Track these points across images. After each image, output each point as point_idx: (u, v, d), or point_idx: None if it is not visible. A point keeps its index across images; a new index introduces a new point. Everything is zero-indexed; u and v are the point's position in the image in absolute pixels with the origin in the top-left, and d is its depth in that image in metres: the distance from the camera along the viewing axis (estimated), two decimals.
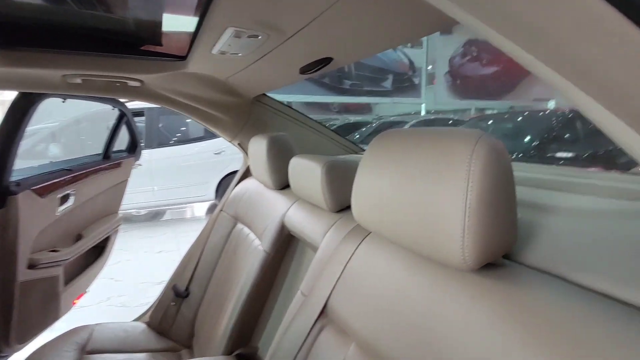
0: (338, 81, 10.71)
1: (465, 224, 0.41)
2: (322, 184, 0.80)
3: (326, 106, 11.82)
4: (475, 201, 0.40)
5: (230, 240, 1.32)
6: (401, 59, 11.67)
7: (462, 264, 0.42)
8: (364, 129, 7.72)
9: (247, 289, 1.02)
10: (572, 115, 4.79)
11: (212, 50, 0.84)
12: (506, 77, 14.29)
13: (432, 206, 0.45)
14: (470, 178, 0.41)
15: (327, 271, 0.69)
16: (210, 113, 1.34)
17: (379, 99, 11.76)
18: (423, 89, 12.26)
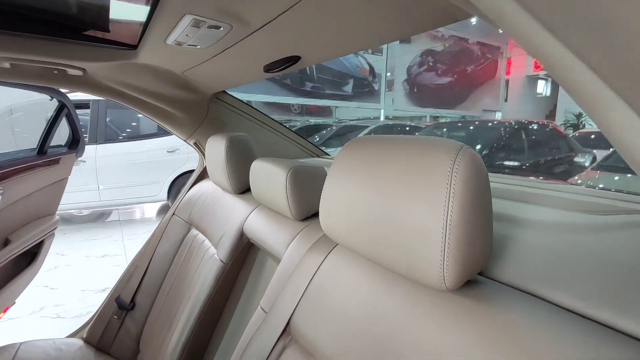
0: (300, 83, 10.68)
1: (445, 242, 0.38)
2: (286, 190, 0.75)
3: (287, 107, 11.74)
4: (457, 217, 0.38)
5: (183, 247, 1.23)
6: (362, 65, 11.90)
7: (440, 284, 0.39)
8: (324, 131, 7.73)
9: (201, 301, 0.94)
10: (518, 127, 5.14)
11: (166, 40, 0.76)
12: (459, 88, 15.16)
13: (407, 221, 0.42)
14: (452, 192, 0.38)
15: (290, 285, 0.64)
16: (163, 109, 1.24)
17: (340, 103, 11.88)
18: (382, 95, 12.58)
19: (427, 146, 0.42)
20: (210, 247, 1.06)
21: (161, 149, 4.40)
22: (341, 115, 12.87)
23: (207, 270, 0.98)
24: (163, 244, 1.30)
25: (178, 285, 1.14)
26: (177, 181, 4.48)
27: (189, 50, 0.82)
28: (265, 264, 0.91)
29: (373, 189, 0.46)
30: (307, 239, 0.71)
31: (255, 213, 0.94)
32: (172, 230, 1.31)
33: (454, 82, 14.96)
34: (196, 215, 1.23)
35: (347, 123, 8.10)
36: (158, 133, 4.40)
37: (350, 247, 0.53)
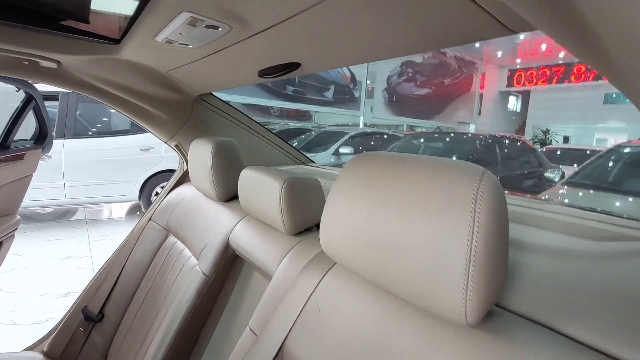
0: (281, 86, 10.61)
1: (469, 273, 0.35)
2: (280, 203, 0.71)
3: (266, 109, 11.63)
4: (481, 247, 0.35)
5: (160, 255, 1.16)
6: (343, 72, 11.99)
7: (461, 318, 0.37)
8: (303, 136, 7.69)
9: (180, 316, 0.88)
10: (492, 141, 5.32)
11: (155, 37, 0.70)
12: (436, 100, 15.59)
13: (424, 247, 0.39)
14: (476, 219, 0.35)
15: (283, 306, 0.60)
16: (143, 108, 1.17)
17: (320, 108, 11.91)
18: (362, 103, 12.72)
19: (447, 169, 0.40)
20: (191, 257, 1.00)
21: (134, 147, 4.22)
22: (320, 121, 12.89)
23: (188, 283, 0.92)
24: (137, 251, 1.22)
25: (153, 297, 1.07)
26: (150, 181, 4.31)
27: (178, 49, 0.76)
28: (251, 278, 0.86)
29: (384, 209, 0.43)
30: (301, 256, 0.67)
31: (243, 224, 0.89)
32: (148, 237, 1.23)
33: (432, 94, 15.37)
34: (175, 221, 1.16)
35: (326, 128, 8.10)
36: (131, 130, 4.23)
37: (353, 269, 0.50)
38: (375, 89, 13.61)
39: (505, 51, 15.29)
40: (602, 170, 3.65)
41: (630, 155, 3.67)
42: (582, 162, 6.61)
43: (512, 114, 19.20)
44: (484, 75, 17.57)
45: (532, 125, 16.39)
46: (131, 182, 4.23)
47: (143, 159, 4.25)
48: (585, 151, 7.70)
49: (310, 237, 0.74)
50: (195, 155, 1.08)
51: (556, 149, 8.36)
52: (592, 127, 15.08)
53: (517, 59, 15.88)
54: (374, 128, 10.18)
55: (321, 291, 0.57)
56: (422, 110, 15.16)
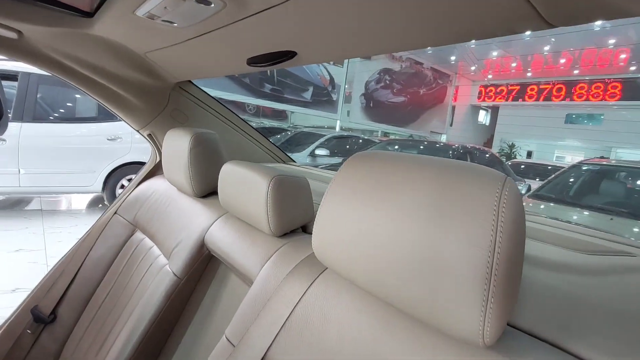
0: (259, 83, 10.44)
1: (490, 290, 0.32)
2: (267, 202, 0.66)
3: (242, 106, 11.41)
4: (503, 261, 0.32)
5: (124, 252, 1.06)
6: (323, 74, 11.99)
7: (477, 338, 0.33)
8: (279, 135, 7.59)
9: (146, 320, 0.80)
10: (463, 151, 5.48)
11: (136, 10, 0.63)
12: (411, 108, 15.97)
13: (436, 259, 0.35)
14: (499, 232, 0.32)
15: (266, 314, 0.55)
16: (115, 92, 1.07)
17: (298, 109, 11.84)
18: (340, 106, 12.77)
19: (463, 172, 0.37)
20: (160, 255, 0.92)
21: (100, 136, 3.99)
22: (296, 121, 12.82)
23: (156, 284, 0.84)
24: (99, 247, 1.12)
25: (115, 298, 0.98)
26: (115, 172, 4.08)
27: (161, 27, 0.69)
28: (228, 281, 0.80)
29: (389, 213, 0.39)
30: (287, 259, 0.62)
31: (221, 222, 0.83)
32: (112, 232, 1.14)
33: (407, 102, 15.70)
34: (144, 216, 1.07)
35: (303, 129, 8.05)
36: (98, 118, 3.99)
37: (348, 276, 0.46)
38: (353, 94, 13.72)
39: (478, 66, 15.89)
40: (564, 185, 3.84)
41: (589, 173, 3.89)
42: (543, 176, 6.94)
43: (482, 127, 19.99)
44: (457, 88, 18.17)
45: (499, 139, 17.12)
46: (95, 173, 3.99)
47: (109, 149, 4.02)
48: (547, 166, 8.13)
49: (297, 239, 0.69)
50: (170, 146, 1.00)
51: (520, 163, 8.77)
52: (553, 144, 15.96)
53: (488, 75, 16.54)
54: (349, 132, 10.23)
55: (309, 299, 0.52)
56: (398, 117, 15.45)
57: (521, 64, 14.89)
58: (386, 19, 0.47)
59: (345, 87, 13.04)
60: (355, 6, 0.46)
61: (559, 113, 15.37)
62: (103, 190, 4.05)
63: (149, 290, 0.85)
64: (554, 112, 15.46)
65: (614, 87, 13.38)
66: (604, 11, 0.31)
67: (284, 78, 10.94)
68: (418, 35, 0.49)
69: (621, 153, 13.94)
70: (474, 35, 0.44)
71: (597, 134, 14.44)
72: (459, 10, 0.39)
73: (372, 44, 0.56)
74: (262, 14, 0.54)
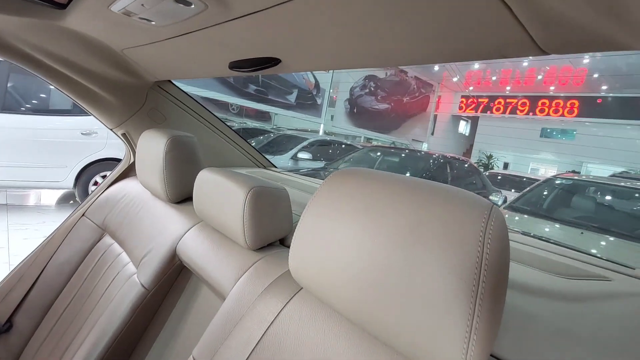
0: (243, 84, 10.34)
1: (473, 322, 0.30)
2: (244, 214, 0.63)
3: (225, 106, 11.26)
4: (488, 293, 0.31)
5: (91, 258, 1.01)
6: (308, 77, 12.00)
7: None
8: (261, 137, 7.52)
9: (109, 333, 0.75)
10: (444, 160, 5.57)
11: (111, 6, 0.59)
12: (394, 115, 16.20)
13: (418, 286, 0.34)
14: (484, 262, 0.31)
15: (238, 333, 0.52)
16: (89, 88, 1.02)
17: (282, 111, 11.79)
18: (324, 110, 12.80)
19: (450, 197, 0.35)
20: (129, 263, 0.87)
21: (74, 130, 3.83)
22: (279, 123, 12.75)
23: (122, 294, 0.79)
24: (63, 251, 1.06)
25: (77, 307, 0.92)
26: (88, 168, 3.93)
27: (138, 24, 0.66)
28: (199, 294, 0.76)
29: (371, 238, 0.37)
30: (262, 275, 0.59)
31: (195, 231, 0.79)
32: (78, 235, 1.07)
33: (390, 110, 15.91)
34: (113, 220, 1.02)
35: (285, 132, 8.01)
36: (73, 111, 3.84)
37: (325, 299, 0.44)
38: (338, 99, 13.79)
39: (460, 78, 16.28)
40: (538, 198, 3.96)
41: (561, 187, 4.03)
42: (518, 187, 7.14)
43: (462, 137, 20.46)
44: (440, 98, 18.55)
45: (478, 150, 17.56)
46: (66, 168, 3.83)
47: (83, 143, 3.87)
48: (522, 178, 8.39)
49: (274, 254, 0.67)
50: (145, 148, 0.95)
51: (498, 174, 9.02)
52: (529, 157, 16.50)
53: (470, 87, 16.97)
54: (332, 136, 10.26)
55: (284, 319, 0.50)
56: (381, 124, 15.63)
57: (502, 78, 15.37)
58: (377, 34, 0.45)
59: (330, 92, 13.09)
60: (345, 18, 0.44)
61: (535, 126, 15.91)
62: (75, 186, 3.89)
63: (114, 301, 0.81)
64: (530, 125, 15.99)
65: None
66: (597, 43, 0.30)
67: (269, 79, 10.88)
68: (408, 53, 0.48)
69: (591, 167, 14.58)
70: (466, 57, 0.43)
71: (569, 149, 15.03)
72: (453, 30, 0.38)
73: (361, 57, 0.54)
74: (246, 18, 0.52)
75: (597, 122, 13.76)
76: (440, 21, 0.37)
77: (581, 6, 0.26)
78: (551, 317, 0.47)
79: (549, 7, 0.28)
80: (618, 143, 13.52)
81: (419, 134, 18.04)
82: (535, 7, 0.29)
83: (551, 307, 0.49)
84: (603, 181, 3.92)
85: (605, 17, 0.26)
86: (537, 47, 0.35)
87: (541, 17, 0.30)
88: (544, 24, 0.31)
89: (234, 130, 1.40)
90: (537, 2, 0.28)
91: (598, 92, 13.68)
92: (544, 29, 0.32)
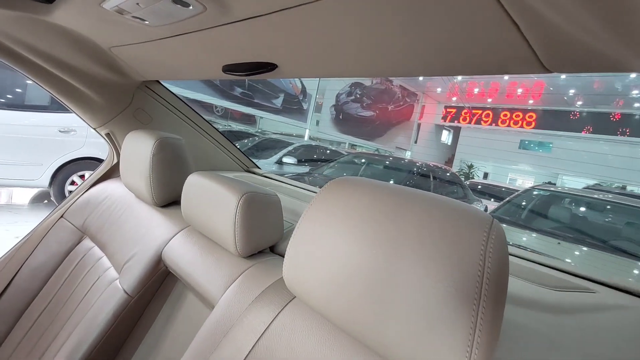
0: (229, 86, 10.26)
1: (474, 340, 0.30)
2: (235, 220, 0.61)
3: (210, 108, 11.14)
4: (489, 309, 0.31)
5: (69, 262, 0.96)
6: (295, 82, 12.02)
7: None
8: (246, 140, 7.46)
9: (89, 341, 0.72)
10: (427, 169, 5.66)
11: (102, 3, 0.58)
12: (379, 123, 16.41)
13: (419, 305, 0.33)
14: (485, 278, 0.31)
15: (227, 344, 0.51)
16: (73, 86, 0.98)
17: (267, 114, 11.75)
18: (310, 115, 12.83)
19: (450, 210, 0.35)
20: (110, 268, 0.84)
21: (52, 127, 3.70)
22: (265, 127, 12.70)
23: (103, 300, 0.76)
24: (39, 253, 1.01)
25: (53, 313, 0.88)
26: (66, 167, 3.80)
27: (130, 23, 0.64)
28: (185, 302, 0.74)
29: (369, 250, 0.37)
30: (253, 284, 0.58)
31: (182, 236, 0.77)
32: (56, 237, 1.03)
33: (375, 117, 16.10)
34: (94, 222, 0.98)
35: (271, 136, 7.97)
36: (50, 107, 3.71)
37: (321, 312, 0.43)
38: (324, 104, 13.85)
39: (443, 88, 16.65)
40: (518, 208, 4.07)
41: (539, 198, 4.15)
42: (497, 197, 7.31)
43: (444, 147, 20.87)
44: (424, 107, 18.89)
45: (459, 159, 17.94)
46: (42, 166, 3.69)
47: (61, 141, 3.74)
48: (501, 188, 8.62)
49: (265, 261, 0.65)
50: (130, 149, 0.93)
51: (478, 183, 9.25)
52: (507, 168, 16.97)
53: (453, 97, 17.37)
54: (317, 142, 10.29)
55: (276, 330, 0.49)
56: (365, 131, 15.78)
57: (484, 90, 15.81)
58: (379, 44, 0.45)
59: (317, 97, 13.15)
60: (346, 27, 0.44)
61: (514, 138, 16.40)
62: (50, 185, 3.75)
63: (94, 307, 0.77)
64: (510, 137, 16.47)
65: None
66: (601, 64, 0.31)
67: (255, 83, 10.83)
68: (409, 64, 0.48)
69: (566, 179, 15.11)
70: (468, 71, 0.44)
71: (546, 161, 15.54)
72: (456, 43, 0.38)
73: (361, 66, 0.54)
74: (245, 22, 0.51)
75: (554, 134, 14.45)
76: (444, 34, 0.37)
77: (589, 27, 0.27)
78: (539, 329, 0.47)
79: (557, 27, 0.29)
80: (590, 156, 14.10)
81: (403, 142, 18.30)
82: (543, 25, 0.30)
83: (539, 319, 0.50)
84: (578, 193, 4.07)
85: (612, 40, 0.27)
86: (540, 64, 0.36)
87: (548, 36, 0.31)
88: (550, 42, 0.31)
89: (221, 132, 1.38)
90: (546, 21, 0.29)
91: (567, 107, 14.28)
92: (549, 47, 0.33)
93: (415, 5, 0.34)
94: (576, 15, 0.26)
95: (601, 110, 13.60)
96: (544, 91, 14.12)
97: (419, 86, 17.45)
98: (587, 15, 0.26)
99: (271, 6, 0.45)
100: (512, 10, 0.30)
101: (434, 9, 0.34)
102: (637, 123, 13.02)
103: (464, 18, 0.33)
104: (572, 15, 0.27)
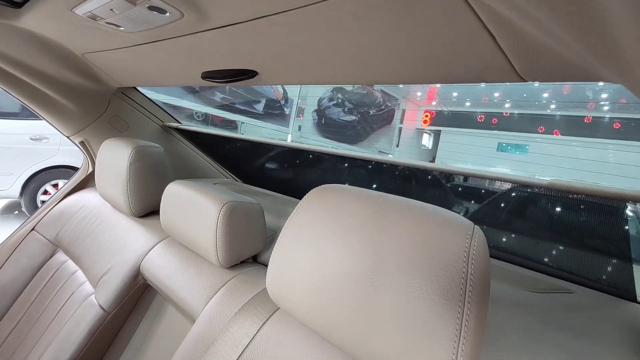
0: (209, 91, 10.14)
1: (459, 347, 0.30)
2: (217, 230, 0.60)
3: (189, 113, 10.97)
4: (474, 316, 0.31)
5: (41, 276, 0.92)
6: (276, 87, 12.00)
7: None
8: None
9: (64, 359, 0.68)
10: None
11: (75, 9, 0.56)
12: (360, 127, 16.57)
13: (405, 308, 0.33)
14: (469, 285, 0.31)
15: (210, 357, 0.49)
16: (44, 93, 0.95)
17: (249, 119, 11.67)
18: (292, 120, 12.83)
19: (431, 217, 0.35)
20: (86, 282, 0.81)
21: (22, 134, 3.57)
22: (246, 132, 12.61)
23: (78, 316, 0.73)
24: (9, 269, 0.96)
25: (24, 331, 0.83)
26: (37, 177, 3.66)
27: (104, 29, 0.62)
28: (164, 316, 0.71)
29: (352, 258, 0.37)
30: (236, 295, 0.57)
31: (161, 248, 0.74)
32: (27, 251, 0.98)
33: (357, 121, 16.25)
34: (68, 235, 0.95)
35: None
36: (21, 114, 3.58)
37: (306, 323, 0.42)
38: (306, 110, 13.89)
39: (423, 93, 16.97)
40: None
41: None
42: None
43: (425, 150, 21.23)
44: (404, 112, 19.20)
45: (440, 162, 18.28)
46: (12, 176, 3.54)
47: (32, 149, 3.61)
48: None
49: (248, 272, 0.64)
50: (106, 158, 0.90)
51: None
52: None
53: (433, 102, 17.72)
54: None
55: (260, 342, 0.48)
56: (347, 135, 15.90)
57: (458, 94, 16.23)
58: (360, 52, 0.45)
59: (299, 102, 13.17)
60: (328, 34, 0.44)
61: (492, 141, 16.86)
62: (20, 195, 3.60)
63: (68, 324, 0.74)
64: (488, 140, 16.92)
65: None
66: (575, 73, 0.32)
67: (237, 88, 10.76)
68: (390, 72, 0.48)
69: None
70: (447, 79, 0.44)
71: (523, 164, 16.01)
72: (435, 53, 0.39)
73: (340, 74, 0.54)
74: (224, 29, 0.50)
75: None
76: (423, 43, 0.38)
77: (562, 39, 0.28)
78: (519, 330, 0.48)
79: (532, 37, 0.30)
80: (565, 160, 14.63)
81: (385, 146, 18.52)
82: (518, 37, 0.30)
83: (519, 320, 0.51)
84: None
85: (583, 51, 0.28)
86: (515, 73, 0.37)
87: (522, 46, 0.31)
88: (524, 52, 0.32)
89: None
90: (520, 32, 0.29)
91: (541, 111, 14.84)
92: (523, 57, 0.33)
93: (394, 16, 0.34)
94: (549, 27, 0.27)
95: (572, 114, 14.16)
96: (517, 97, 14.60)
97: (400, 90, 17.74)
98: (559, 28, 0.26)
99: (250, 14, 0.44)
100: (488, 22, 0.30)
101: (413, 19, 0.34)
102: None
103: (443, 29, 0.33)
104: (545, 28, 0.27)
